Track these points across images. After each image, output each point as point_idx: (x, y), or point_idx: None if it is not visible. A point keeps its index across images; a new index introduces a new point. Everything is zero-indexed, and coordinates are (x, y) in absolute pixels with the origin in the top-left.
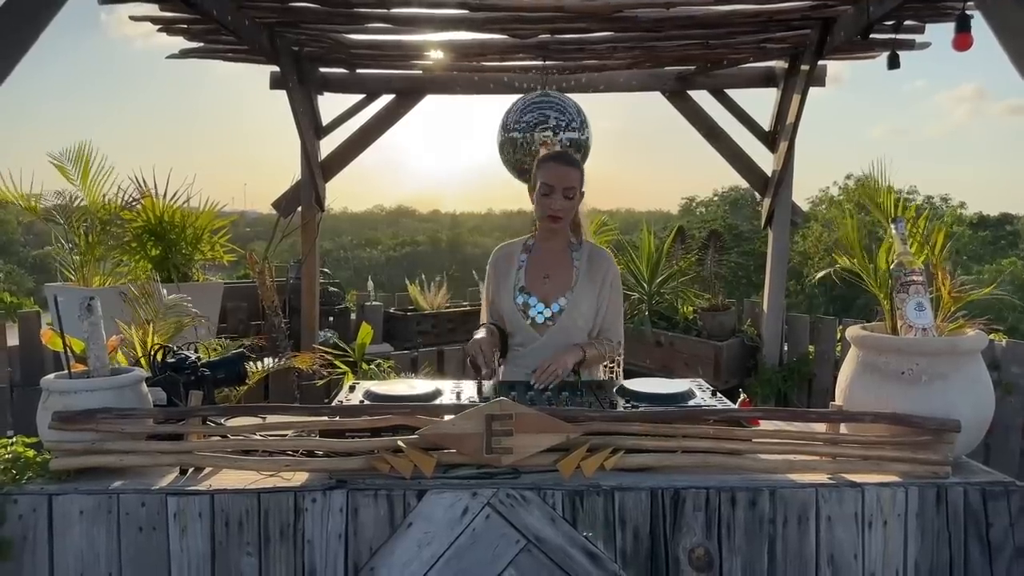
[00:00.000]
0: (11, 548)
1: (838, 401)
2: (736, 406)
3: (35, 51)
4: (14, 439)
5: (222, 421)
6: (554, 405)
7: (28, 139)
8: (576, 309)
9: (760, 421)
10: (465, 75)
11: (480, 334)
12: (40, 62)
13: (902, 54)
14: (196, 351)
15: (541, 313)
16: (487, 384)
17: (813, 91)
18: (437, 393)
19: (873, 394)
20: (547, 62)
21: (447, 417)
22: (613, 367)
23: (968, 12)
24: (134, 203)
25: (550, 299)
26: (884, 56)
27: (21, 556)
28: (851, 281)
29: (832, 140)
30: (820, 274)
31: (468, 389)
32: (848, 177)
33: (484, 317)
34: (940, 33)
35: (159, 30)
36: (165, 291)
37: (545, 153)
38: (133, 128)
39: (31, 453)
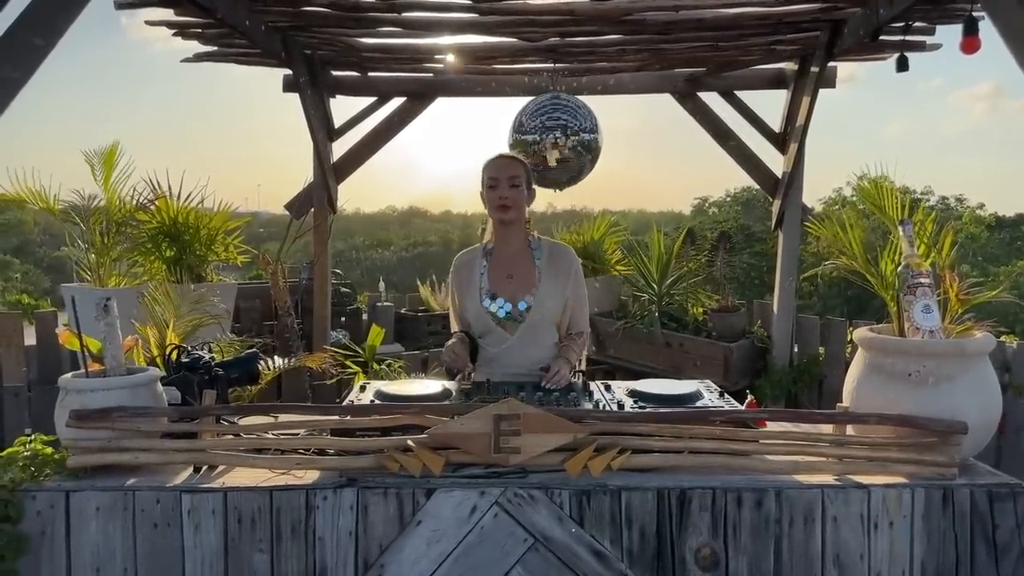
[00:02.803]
0: (29, 543)
1: (845, 402)
2: (743, 407)
3: (57, 53)
4: (32, 437)
5: (235, 420)
6: (561, 405)
7: (47, 140)
8: (543, 305)
9: (767, 422)
10: (476, 78)
11: (451, 341)
12: (62, 64)
13: (917, 53)
14: (210, 351)
15: (509, 313)
16: (465, 385)
17: (827, 90)
18: (447, 393)
19: (880, 396)
20: (557, 64)
21: (456, 417)
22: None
23: (976, 14)
24: (149, 204)
25: (516, 298)
26: (894, 58)
27: (39, 551)
28: (859, 283)
29: (847, 139)
30: (808, 273)
31: (477, 390)
32: (862, 177)
33: (454, 326)
34: (953, 32)
35: (174, 34)
36: (192, 286)
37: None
38: (149, 129)
39: (49, 451)
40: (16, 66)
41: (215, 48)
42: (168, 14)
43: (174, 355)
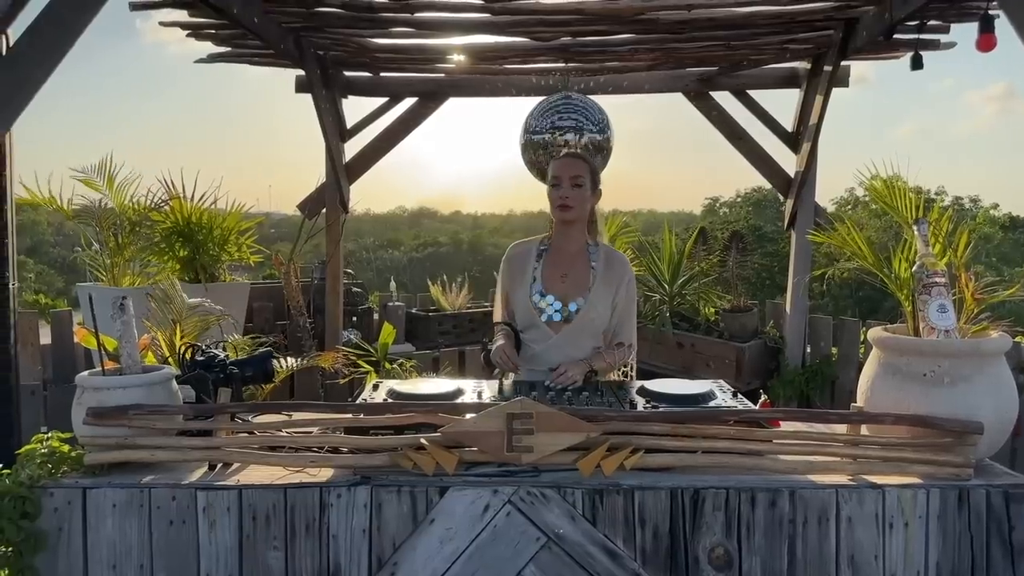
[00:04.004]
0: (46, 540)
1: (860, 402)
2: (757, 407)
3: (73, 56)
4: (50, 435)
5: (250, 418)
6: (574, 405)
7: (62, 142)
8: (593, 310)
9: (780, 422)
10: (487, 78)
11: (500, 340)
12: (78, 68)
13: (929, 53)
14: (224, 349)
15: (558, 312)
16: (507, 384)
17: (838, 91)
18: (459, 392)
19: (895, 396)
20: (569, 64)
21: (468, 416)
22: (627, 370)
23: (992, 12)
24: (163, 204)
25: (567, 299)
26: (908, 57)
27: (56, 547)
28: (873, 284)
29: (859, 140)
30: (819, 272)
31: (489, 389)
32: (874, 177)
33: (498, 315)
34: (966, 32)
35: (188, 35)
36: (184, 295)
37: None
38: (164, 131)
39: (66, 448)
40: (36, 65)
41: (228, 49)
42: (182, 15)
43: (188, 354)
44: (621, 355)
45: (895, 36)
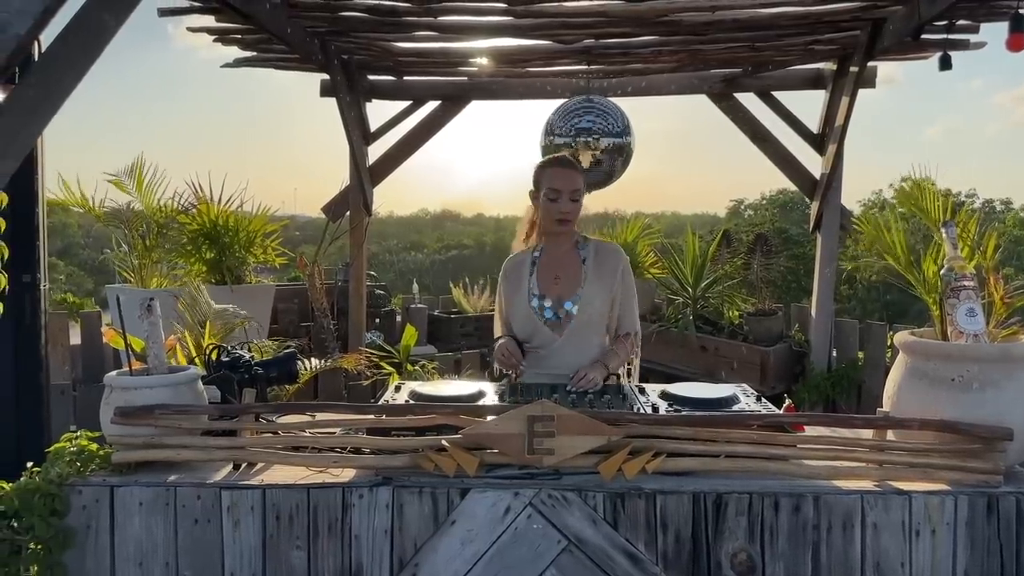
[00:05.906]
0: (75, 537)
1: (886, 407)
2: (781, 411)
3: (104, 60)
4: (79, 433)
5: (274, 418)
6: (594, 408)
7: (92, 145)
8: (590, 306)
9: (805, 427)
10: (510, 80)
11: (501, 340)
12: (109, 70)
13: (958, 53)
14: (249, 351)
15: (556, 314)
16: (508, 387)
17: (865, 91)
18: (480, 394)
19: (922, 401)
20: (591, 66)
21: (490, 418)
22: (631, 359)
23: (1022, 12)
24: (190, 207)
25: (563, 299)
26: (936, 57)
27: (84, 545)
28: (901, 287)
29: (886, 141)
30: (850, 267)
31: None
32: (905, 179)
33: (498, 331)
34: (997, 32)
35: (215, 40)
36: (213, 302)
37: (546, 159)
38: (192, 134)
39: (94, 447)
40: (67, 71)
41: (254, 53)
42: (209, 20)
43: (214, 355)
44: (630, 346)
45: (923, 36)
